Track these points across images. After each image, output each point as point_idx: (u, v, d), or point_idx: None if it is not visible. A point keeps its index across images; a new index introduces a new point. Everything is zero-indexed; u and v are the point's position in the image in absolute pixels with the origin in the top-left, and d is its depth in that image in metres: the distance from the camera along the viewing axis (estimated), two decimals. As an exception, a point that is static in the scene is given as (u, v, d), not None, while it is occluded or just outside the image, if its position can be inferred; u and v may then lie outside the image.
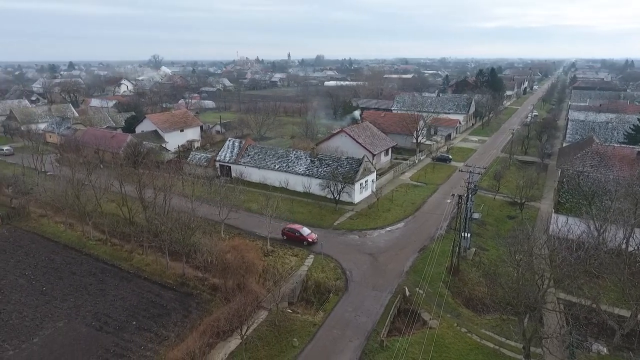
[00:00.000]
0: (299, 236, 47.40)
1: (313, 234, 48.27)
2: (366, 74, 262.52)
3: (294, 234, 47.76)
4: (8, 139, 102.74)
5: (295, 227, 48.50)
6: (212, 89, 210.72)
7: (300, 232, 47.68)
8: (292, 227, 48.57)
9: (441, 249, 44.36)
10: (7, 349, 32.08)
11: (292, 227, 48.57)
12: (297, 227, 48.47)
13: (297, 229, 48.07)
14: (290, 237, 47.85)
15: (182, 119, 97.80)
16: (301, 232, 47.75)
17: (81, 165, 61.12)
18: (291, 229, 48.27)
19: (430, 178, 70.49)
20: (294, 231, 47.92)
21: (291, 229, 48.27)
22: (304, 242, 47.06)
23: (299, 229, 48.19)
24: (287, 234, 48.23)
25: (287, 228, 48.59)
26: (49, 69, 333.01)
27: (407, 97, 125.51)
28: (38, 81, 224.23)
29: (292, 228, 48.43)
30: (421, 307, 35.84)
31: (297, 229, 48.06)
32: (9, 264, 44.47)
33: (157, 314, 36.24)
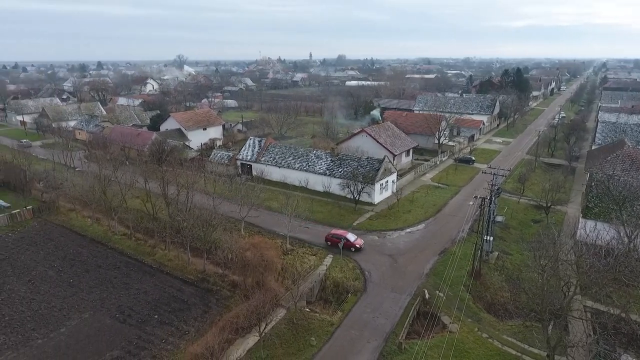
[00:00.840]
0: (345, 242, 45.09)
1: (359, 239, 46.36)
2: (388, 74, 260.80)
3: (339, 239, 45.46)
4: (40, 135, 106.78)
5: (339, 233, 46.45)
6: (235, 88, 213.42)
7: (346, 238, 45.51)
8: (337, 234, 46.56)
9: (462, 252, 43.58)
10: (37, 337, 33.35)
11: (337, 234, 46.56)
12: (342, 233, 46.46)
13: (342, 235, 45.98)
14: (336, 243, 45.41)
15: (205, 117, 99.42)
16: (347, 237, 45.66)
17: (108, 161, 63.05)
18: (336, 235, 46.21)
19: (452, 180, 69.37)
20: (340, 237, 45.70)
21: (336, 235, 46.21)
22: (350, 248, 45.00)
23: (344, 234, 46.14)
24: (332, 239, 46.05)
25: (331, 234, 46.61)
26: (79, 69, 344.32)
27: (430, 98, 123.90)
28: (69, 80, 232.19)
29: (336, 234, 46.39)
30: (441, 311, 35.30)
31: (341, 235, 45.98)
32: (39, 255, 46.22)
33: (178, 308, 36.94)
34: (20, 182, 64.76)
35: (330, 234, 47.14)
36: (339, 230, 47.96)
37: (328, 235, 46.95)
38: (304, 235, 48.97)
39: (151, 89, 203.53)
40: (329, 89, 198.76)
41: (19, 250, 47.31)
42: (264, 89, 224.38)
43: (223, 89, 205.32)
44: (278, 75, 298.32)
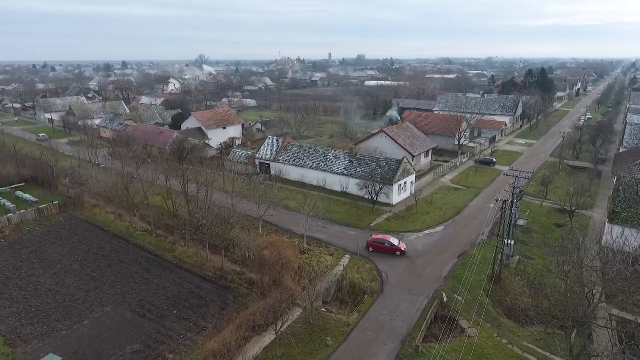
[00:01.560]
0: (389, 247, 44.24)
1: (402, 242, 45.62)
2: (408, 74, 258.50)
3: (383, 244, 44.57)
4: (67, 133, 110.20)
5: (383, 238, 45.41)
6: (254, 88, 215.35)
7: (390, 243, 44.61)
8: (380, 238, 45.31)
9: (482, 255, 42.79)
10: (61, 329, 34.42)
11: (380, 238, 45.31)
12: (385, 237, 45.45)
13: (385, 239, 45.05)
14: (379, 248, 44.46)
15: (225, 117, 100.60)
16: (391, 242, 44.72)
17: (131, 159, 64.51)
18: (378, 240, 45.00)
19: (472, 181, 68.20)
20: (383, 242, 44.76)
21: (378, 240, 45.00)
22: (395, 252, 44.04)
23: (387, 239, 45.18)
24: (375, 245, 44.78)
25: (373, 239, 45.20)
26: (105, 68, 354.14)
27: (450, 98, 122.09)
28: (94, 79, 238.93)
29: (379, 239, 45.15)
30: (460, 315, 34.74)
31: (385, 239, 45.05)
32: (65, 249, 47.69)
33: (197, 304, 37.52)
34: (47, 178, 67.02)
35: (371, 239, 45.40)
36: (379, 235, 46.57)
37: (370, 242, 45.22)
38: (321, 235, 49.01)
39: (173, 89, 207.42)
40: (347, 89, 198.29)
41: (46, 244, 48.93)
42: (283, 88, 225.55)
43: (243, 88, 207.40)
44: (297, 75, 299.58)
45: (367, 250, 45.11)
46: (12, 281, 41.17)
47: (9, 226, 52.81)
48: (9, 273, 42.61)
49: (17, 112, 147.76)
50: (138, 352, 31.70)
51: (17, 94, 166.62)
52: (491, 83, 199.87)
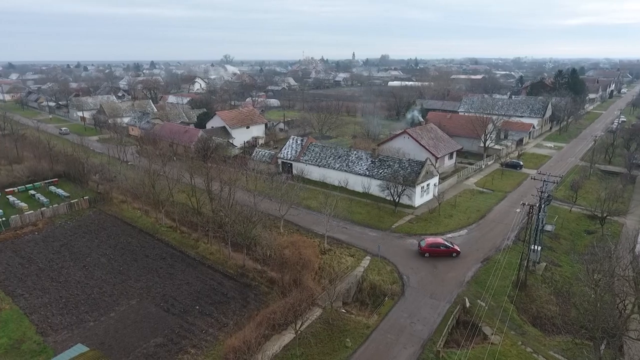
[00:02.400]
0: (444, 250, 43.57)
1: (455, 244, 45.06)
2: (432, 74, 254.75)
3: (438, 248, 43.67)
4: (97, 130, 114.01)
5: (437, 241, 44.51)
6: (278, 87, 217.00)
7: (445, 245, 43.90)
8: (434, 242, 44.36)
9: (507, 261, 41.77)
10: (89, 320, 35.64)
11: (434, 242, 44.36)
12: (438, 241, 44.67)
13: (440, 242, 44.29)
14: (435, 252, 43.62)
15: (249, 116, 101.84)
16: (446, 244, 44.02)
17: (157, 157, 66.15)
18: (433, 244, 43.95)
19: (497, 185, 66.64)
20: (438, 245, 43.82)
21: (433, 244, 43.95)
22: (452, 254, 43.62)
23: (441, 241, 44.45)
24: (430, 250, 43.65)
25: (428, 244, 43.97)
26: (134, 68, 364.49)
27: (476, 99, 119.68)
28: (124, 79, 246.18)
29: (434, 243, 44.18)
30: (482, 321, 34.03)
31: (439, 242, 44.26)
32: (94, 243, 49.36)
33: (218, 301, 38.12)
34: (78, 174, 69.58)
35: (426, 245, 44.06)
36: (430, 238, 45.55)
37: (424, 247, 43.95)
38: (342, 236, 48.96)
39: (199, 88, 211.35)
40: (371, 89, 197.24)
41: (76, 237, 50.78)
42: (306, 88, 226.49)
43: (267, 88, 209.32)
44: (320, 75, 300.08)
45: (421, 256, 43.95)
46: (44, 272, 42.92)
47: (42, 219, 55.10)
48: (42, 264, 44.44)
49: (52, 110, 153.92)
50: (161, 345, 32.47)
51: (51, 93, 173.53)
52: (519, 84, 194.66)
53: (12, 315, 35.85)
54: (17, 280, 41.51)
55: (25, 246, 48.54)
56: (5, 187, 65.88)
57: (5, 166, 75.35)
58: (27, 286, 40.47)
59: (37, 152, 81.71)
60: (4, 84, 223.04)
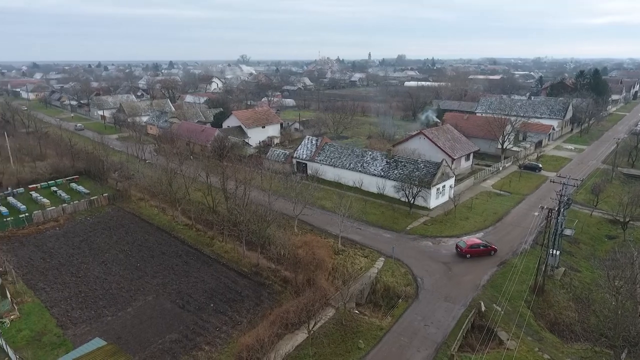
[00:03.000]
0: (484, 249, 43.87)
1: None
2: (449, 75, 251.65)
3: (479, 248, 43.76)
4: (117, 129, 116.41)
5: (476, 242, 44.72)
6: (293, 87, 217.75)
7: (484, 245, 44.20)
8: (474, 243, 44.45)
9: (524, 265, 41.03)
10: (107, 314, 36.43)
11: (474, 243, 44.45)
12: (476, 241, 44.86)
13: (479, 242, 44.54)
14: (476, 252, 43.71)
15: (264, 116, 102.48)
16: (485, 243, 44.43)
17: (174, 155, 67.17)
18: (474, 245, 44.01)
19: (515, 187, 65.46)
20: (478, 245, 43.92)
21: (474, 245, 44.01)
22: (490, 252, 43.90)
23: (479, 242, 44.71)
24: (472, 251, 43.64)
25: (469, 246, 43.87)
26: (153, 68, 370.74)
27: (494, 100, 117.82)
28: (143, 78, 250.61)
29: (474, 244, 44.25)
30: (498, 325, 33.48)
31: (478, 243, 44.49)
32: (112, 239, 50.43)
33: (232, 299, 38.49)
34: (98, 171, 71.18)
35: (467, 247, 43.82)
36: (470, 240, 45.31)
37: (466, 249, 43.77)
38: (356, 236, 48.86)
39: (216, 88, 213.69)
40: (387, 90, 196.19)
41: (95, 233, 51.96)
42: (322, 88, 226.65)
43: (282, 88, 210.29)
44: (336, 75, 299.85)
45: (462, 257, 43.81)
46: (65, 267, 44.06)
47: (63, 215, 56.59)
48: (63, 260, 45.63)
49: (74, 109, 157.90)
50: (176, 341, 32.96)
51: (73, 92, 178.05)
52: (538, 84, 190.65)
53: (34, 308, 36.92)
54: (39, 274, 42.72)
55: (47, 241, 49.92)
56: (29, 183, 67.89)
57: (29, 163, 77.65)
58: (48, 280, 41.62)
59: (59, 149, 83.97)
60: (29, 83, 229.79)
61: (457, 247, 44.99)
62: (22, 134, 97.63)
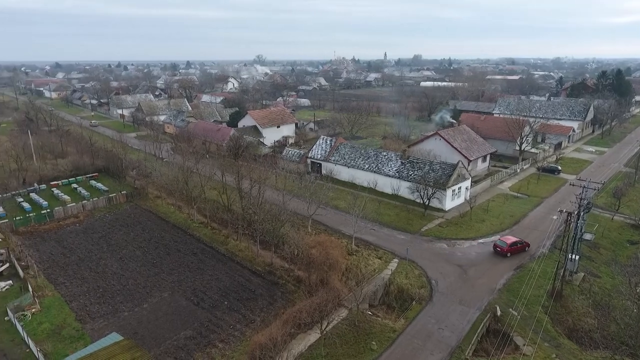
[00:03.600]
0: (522, 245, 44.61)
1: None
2: (466, 75, 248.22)
3: (517, 245, 44.25)
4: (135, 128, 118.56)
5: (513, 239, 44.89)
6: (309, 87, 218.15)
7: (521, 242, 44.82)
8: (514, 241, 44.59)
9: (542, 269, 40.23)
10: (123, 310, 37.15)
11: (514, 241, 44.59)
12: (513, 239, 45.07)
13: (516, 240, 44.87)
14: (516, 250, 44.20)
15: (279, 115, 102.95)
16: (521, 240, 44.95)
17: (191, 154, 68.08)
18: (513, 243, 44.25)
19: (533, 190, 64.22)
20: (516, 243, 44.36)
21: (513, 243, 44.25)
22: (525, 248, 44.78)
23: (516, 239, 44.98)
24: (512, 249, 44.00)
25: (510, 244, 44.11)
26: (171, 68, 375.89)
27: (512, 100, 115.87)
28: (161, 78, 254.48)
29: (513, 242, 44.45)
30: (514, 330, 32.92)
31: (515, 240, 44.78)
32: (130, 236, 51.39)
33: (246, 297, 38.80)
34: (117, 169, 72.65)
35: (508, 245, 43.89)
36: (507, 238, 45.33)
37: (507, 248, 43.83)
38: (369, 237, 48.69)
39: (232, 87, 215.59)
40: (402, 90, 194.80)
41: (114, 230, 53.04)
42: (337, 88, 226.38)
43: (297, 88, 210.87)
44: (351, 75, 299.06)
45: (504, 256, 43.87)
46: (84, 262, 45.11)
47: (83, 212, 57.94)
48: (82, 255, 46.73)
49: (94, 108, 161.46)
50: (191, 338, 33.41)
51: (94, 91, 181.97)
52: (558, 85, 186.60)
53: (54, 302, 37.91)
54: (59, 268, 43.85)
55: (67, 237, 51.19)
56: (51, 180, 69.72)
57: (51, 160, 79.78)
58: (68, 275, 42.68)
59: (79, 147, 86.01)
60: (52, 82, 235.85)
61: (495, 247, 44.89)
62: (45, 132, 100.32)
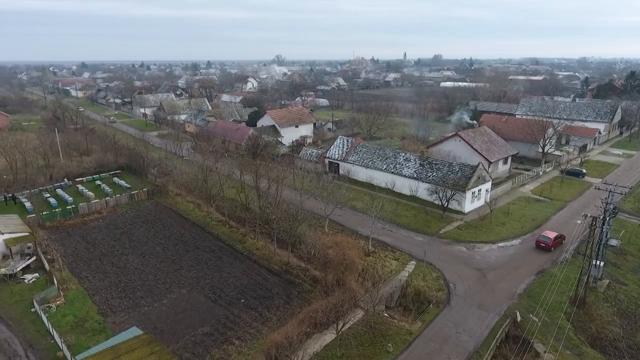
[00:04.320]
0: (560, 239, 46.30)
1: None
2: (488, 75, 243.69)
3: (559, 239, 46.13)
4: (157, 126, 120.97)
5: (554, 233, 46.36)
6: (327, 87, 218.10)
7: (561, 235, 46.60)
8: (556, 235, 46.11)
9: (565, 275, 39.17)
10: (144, 304, 37.96)
11: (556, 235, 46.11)
12: (553, 233, 46.49)
13: (557, 234, 46.28)
14: (558, 243, 45.96)
15: (298, 115, 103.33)
16: (558, 234, 46.47)
17: (210, 153, 69.04)
18: (556, 237, 45.75)
19: (556, 193, 62.59)
20: (557, 237, 45.90)
21: (556, 237, 45.75)
22: (562, 241, 46.49)
23: (556, 234, 46.31)
24: (555, 243, 45.52)
25: (554, 238, 45.53)
26: (192, 67, 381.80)
27: (535, 101, 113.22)
28: (182, 78, 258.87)
29: (556, 235, 45.97)
30: (535, 337, 32.16)
31: (557, 234, 46.28)
32: (150, 232, 52.48)
33: (263, 295, 39.10)
34: (139, 167, 74.30)
35: (552, 239, 45.33)
36: (549, 233, 46.83)
37: (551, 242, 45.09)
38: (387, 238, 48.39)
39: (251, 87, 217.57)
40: (422, 90, 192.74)
41: (135, 226, 54.26)
42: (356, 88, 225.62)
43: (316, 88, 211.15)
44: (370, 75, 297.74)
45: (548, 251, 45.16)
46: (106, 257, 46.32)
47: (106, 208, 59.50)
48: (105, 250, 47.99)
49: (118, 107, 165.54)
50: (208, 334, 33.88)
51: (118, 91, 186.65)
52: (584, 86, 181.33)
53: (77, 295, 39.05)
54: (82, 263, 45.15)
55: (91, 232, 52.65)
56: (76, 177, 71.84)
57: (76, 158, 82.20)
58: (91, 269, 43.90)
59: (103, 145, 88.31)
60: (78, 82, 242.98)
61: (539, 242, 45.85)
62: (71, 130, 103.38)
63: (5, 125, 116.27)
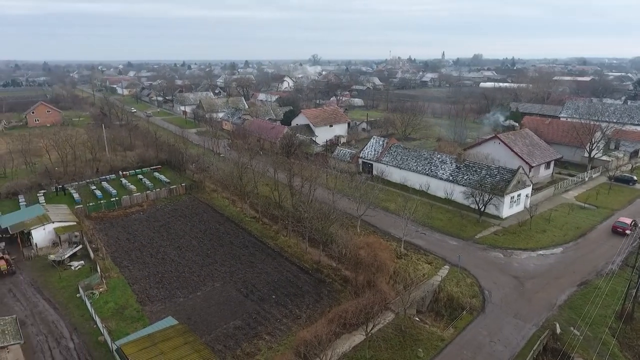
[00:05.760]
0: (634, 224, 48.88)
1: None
2: (531, 75, 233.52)
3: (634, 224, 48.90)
4: (196, 124, 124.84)
5: (629, 219, 49.60)
6: (362, 87, 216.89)
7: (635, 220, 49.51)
8: (631, 220, 49.34)
9: (610, 288, 37.03)
10: (179, 296, 39.33)
11: (631, 220, 49.34)
12: (629, 219, 49.75)
13: (633, 220, 49.40)
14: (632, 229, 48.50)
15: (332, 115, 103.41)
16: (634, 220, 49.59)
17: (246, 151, 70.44)
18: (633, 222, 48.98)
19: (603, 201, 59.17)
20: (633, 222, 48.98)
21: (633, 222, 48.98)
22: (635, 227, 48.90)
23: (631, 219, 49.41)
24: (632, 227, 48.51)
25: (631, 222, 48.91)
26: (230, 67, 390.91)
27: (582, 103, 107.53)
28: (221, 77, 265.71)
29: (632, 221, 49.23)
30: (575, 351, 30.59)
31: (633, 220, 49.41)
32: (187, 226, 54.26)
33: (293, 293, 39.48)
34: (178, 163, 76.99)
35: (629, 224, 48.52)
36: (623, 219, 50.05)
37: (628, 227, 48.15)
38: (419, 241, 47.56)
39: (287, 87, 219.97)
40: (460, 90, 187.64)
41: (173, 220, 56.27)
42: (391, 88, 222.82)
43: (351, 87, 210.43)
44: (407, 75, 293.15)
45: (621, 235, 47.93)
46: (146, 249, 48.34)
47: (147, 201, 62.10)
48: (144, 241, 50.10)
49: (160, 104, 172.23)
50: (239, 328, 34.62)
51: (160, 89, 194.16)
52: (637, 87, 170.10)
53: (118, 284, 41.02)
54: (123, 253, 47.36)
55: (132, 223, 55.10)
56: (120, 170, 75.44)
57: (120, 152, 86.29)
58: (131, 259, 45.96)
59: (145, 141, 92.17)
60: (123, 80, 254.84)
61: (616, 228, 48.94)
62: (116, 126, 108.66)
63: (58, 121, 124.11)
